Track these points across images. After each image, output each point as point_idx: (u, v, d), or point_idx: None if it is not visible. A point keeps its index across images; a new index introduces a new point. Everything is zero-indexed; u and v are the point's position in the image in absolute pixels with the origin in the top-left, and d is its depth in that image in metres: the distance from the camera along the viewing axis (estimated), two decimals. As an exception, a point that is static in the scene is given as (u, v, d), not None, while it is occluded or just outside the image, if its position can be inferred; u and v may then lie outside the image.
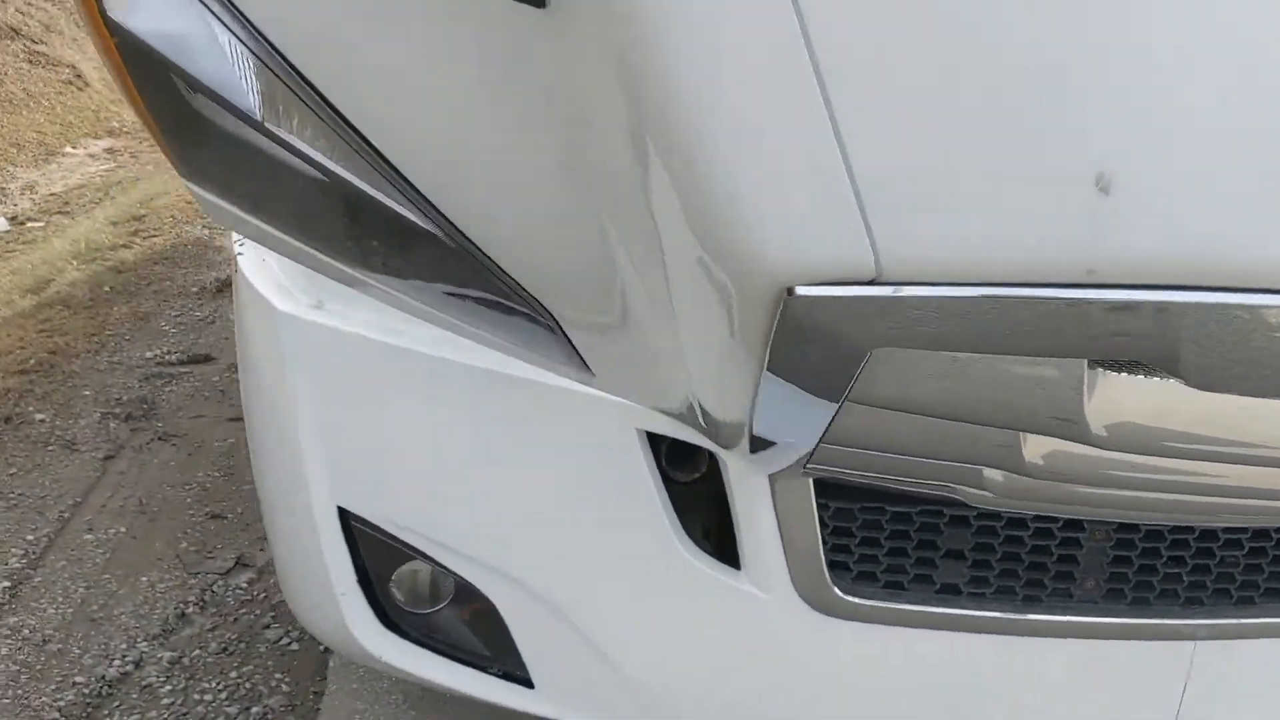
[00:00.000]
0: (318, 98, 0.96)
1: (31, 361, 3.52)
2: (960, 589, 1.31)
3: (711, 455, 1.31)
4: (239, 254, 1.57)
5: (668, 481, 1.32)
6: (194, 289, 4.38)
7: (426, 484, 1.38)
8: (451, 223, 0.99)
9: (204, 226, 5.38)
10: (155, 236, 5.16)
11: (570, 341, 1.14)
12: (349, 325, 1.37)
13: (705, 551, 1.32)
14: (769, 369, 0.89)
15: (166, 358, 3.65)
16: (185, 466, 2.92)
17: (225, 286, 4.46)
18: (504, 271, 1.04)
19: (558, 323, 1.10)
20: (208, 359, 3.68)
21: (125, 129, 8.95)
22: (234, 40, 0.96)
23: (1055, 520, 1.26)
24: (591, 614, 1.37)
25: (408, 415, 1.37)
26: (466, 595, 1.44)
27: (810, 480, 1.23)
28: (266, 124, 1.00)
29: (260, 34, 0.95)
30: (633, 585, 1.34)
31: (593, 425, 1.29)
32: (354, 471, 1.40)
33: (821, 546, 1.26)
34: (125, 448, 3.01)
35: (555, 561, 1.36)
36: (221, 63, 0.99)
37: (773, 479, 1.24)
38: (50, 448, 2.97)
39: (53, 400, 3.27)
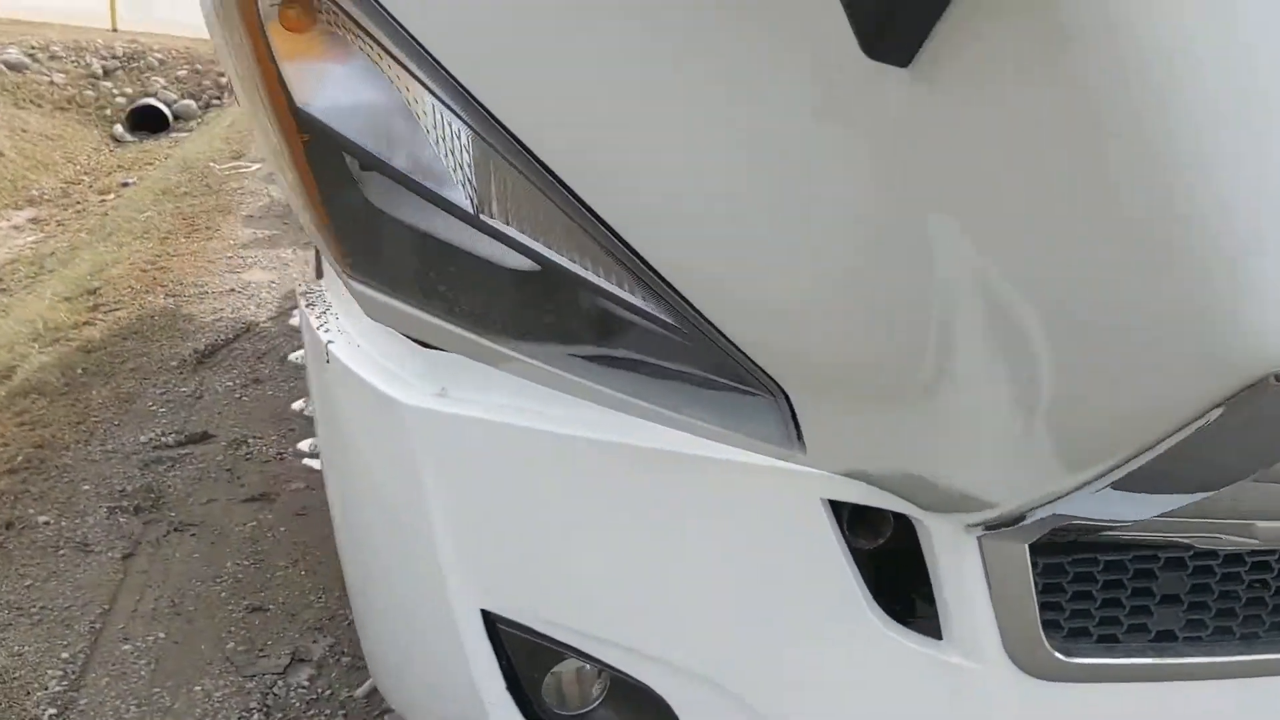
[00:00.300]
0: (549, 179, 0.85)
1: (19, 459, 3.32)
2: (1176, 634, 1.23)
3: (897, 519, 1.22)
4: (330, 342, 1.45)
5: (852, 552, 1.23)
6: (173, 363, 4.19)
7: (584, 576, 1.26)
8: (691, 304, 0.89)
9: (167, 295, 5.18)
10: (117, 310, 4.95)
11: (791, 413, 1.03)
12: (486, 413, 1.25)
13: (900, 623, 1.23)
14: (1167, 453, 0.78)
15: (163, 440, 3.46)
16: (211, 558, 2.76)
17: (206, 358, 4.29)
18: (737, 347, 0.93)
19: (786, 395, 0.99)
20: (206, 437, 3.50)
21: (46, 197, 8.67)
22: (443, 120, 0.85)
23: (1274, 552, 1.19)
24: (778, 701, 1.26)
25: (559, 504, 1.25)
26: (627, 692, 1.33)
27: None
28: (481, 214, 0.89)
29: (487, 113, 0.84)
30: (825, 666, 1.24)
31: (773, 499, 1.19)
32: (500, 571, 1.28)
33: (1037, 606, 1.18)
34: (142, 543, 2.83)
35: (734, 648, 1.25)
36: (423, 148, 0.87)
37: (982, 540, 1.15)
38: (62, 552, 2.78)
39: (52, 499, 3.07)
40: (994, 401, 0.85)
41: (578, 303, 0.98)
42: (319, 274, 1.84)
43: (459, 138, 0.85)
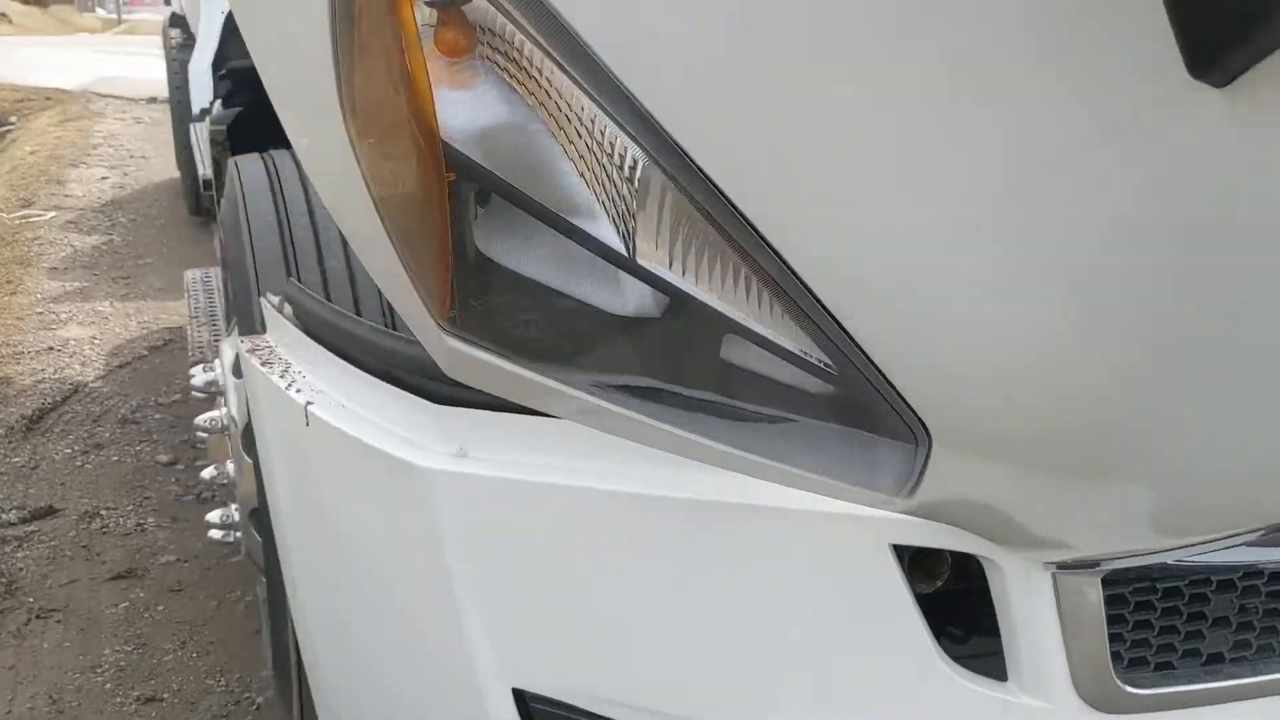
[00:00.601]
0: (735, 219, 0.76)
1: None
2: (1224, 656, 1.23)
3: (954, 559, 1.18)
4: (309, 404, 1.31)
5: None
6: (0, 432, 3.81)
7: (634, 644, 1.17)
8: (860, 348, 0.81)
9: (-23, 357, 4.72)
10: (-80, 380, 4.48)
11: (923, 462, 0.97)
12: (518, 473, 1.15)
13: (966, 667, 1.19)
14: None
15: (3, 518, 3.12)
16: (84, 646, 2.48)
17: (35, 424, 3.91)
18: (900, 395, 0.86)
19: (929, 436, 0.93)
20: (52, 511, 3.18)
21: None
22: (609, 155, 0.75)
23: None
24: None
25: (605, 566, 1.16)
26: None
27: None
28: (639, 258, 0.79)
29: (674, 144, 0.74)
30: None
31: (839, 547, 1.13)
32: (537, 645, 1.17)
33: (1107, 640, 1.16)
34: (1, 635, 2.52)
35: (801, 709, 1.18)
36: (578, 191, 0.77)
37: (1057, 576, 1.13)
38: (-94, 654, 2.45)
39: (-116, 596, 2.71)
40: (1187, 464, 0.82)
41: (715, 353, 0.90)
42: (253, 329, 1.68)
43: (622, 174, 0.76)
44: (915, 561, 1.19)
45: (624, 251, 0.79)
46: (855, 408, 0.90)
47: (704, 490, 1.12)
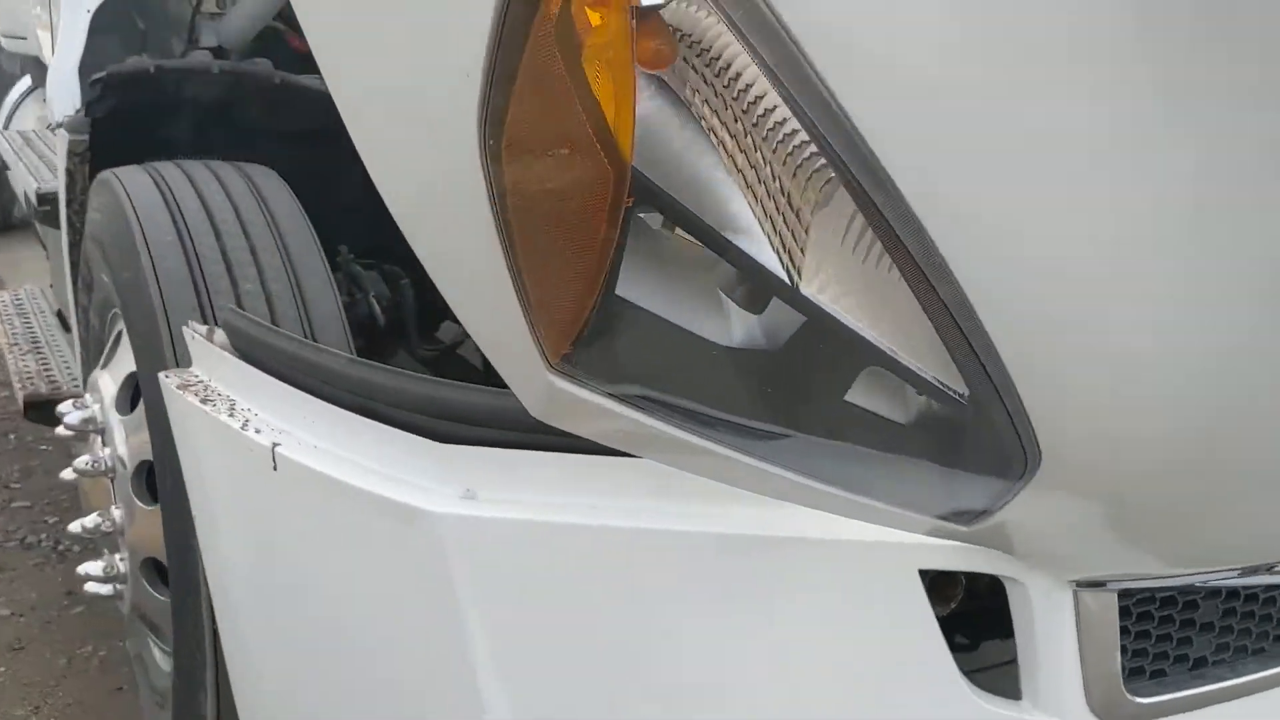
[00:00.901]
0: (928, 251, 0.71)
1: None
2: (1207, 660, 1.28)
3: (969, 580, 1.19)
4: (276, 445, 1.19)
5: (932, 620, 1.17)
6: None
7: (663, 686, 1.11)
8: (1009, 375, 0.78)
9: None
10: None
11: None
12: (537, 514, 1.08)
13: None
14: None
15: None
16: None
17: None
18: (1027, 419, 0.83)
19: (1037, 468, 0.91)
20: None
21: None
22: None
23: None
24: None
25: (632, 607, 1.10)
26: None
27: (1114, 585, 1.14)
28: (804, 284, 0.73)
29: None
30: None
31: (864, 575, 1.11)
32: (561, 698, 1.10)
33: (1120, 653, 1.18)
34: None
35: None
36: (752, 222, 0.70)
37: (1078, 593, 1.14)
38: None
39: None
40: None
41: (843, 389, 0.85)
42: (161, 361, 1.52)
43: (803, 194, 0.70)
44: (931, 585, 1.19)
45: (786, 277, 0.74)
46: (969, 441, 0.88)
47: (735, 524, 1.08)
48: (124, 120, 2.03)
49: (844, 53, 0.70)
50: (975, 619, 1.25)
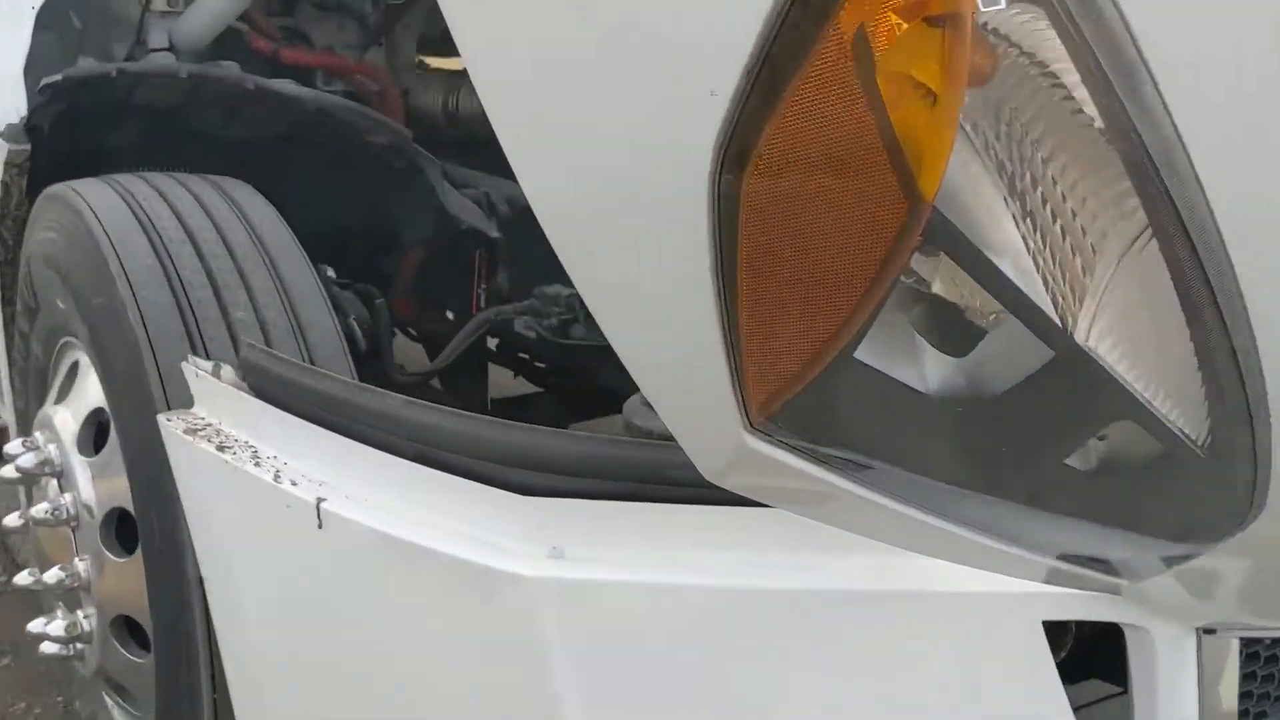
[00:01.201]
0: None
1: None
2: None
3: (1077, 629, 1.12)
4: (322, 500, 1.05)
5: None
6: None
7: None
8: (1270, 426, 0.69)
9: None
10: None
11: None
12: (636, 574, 0.97)
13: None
14: None
15: None
16: None
17: None
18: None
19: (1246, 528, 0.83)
20: None
21: None
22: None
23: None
24: None
25: (740, 672, 1.00)
26: None
27: (1235, 630, 1.09)
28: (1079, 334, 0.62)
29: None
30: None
31: (987, 628, 1.03)
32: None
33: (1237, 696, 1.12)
34: None
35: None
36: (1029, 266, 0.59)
37: (1202, 639, 1.08)
38: None
39: None
40: None
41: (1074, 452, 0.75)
42: (149, 402, 1.35)
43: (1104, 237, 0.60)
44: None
45: (1060, 323, 0.64)
46: (1188, 496, 0.79)
47: (850, 579, 0.99)
48: (68, 128, 1.85)
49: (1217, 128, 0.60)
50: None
